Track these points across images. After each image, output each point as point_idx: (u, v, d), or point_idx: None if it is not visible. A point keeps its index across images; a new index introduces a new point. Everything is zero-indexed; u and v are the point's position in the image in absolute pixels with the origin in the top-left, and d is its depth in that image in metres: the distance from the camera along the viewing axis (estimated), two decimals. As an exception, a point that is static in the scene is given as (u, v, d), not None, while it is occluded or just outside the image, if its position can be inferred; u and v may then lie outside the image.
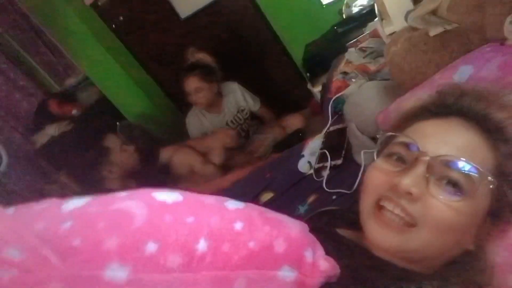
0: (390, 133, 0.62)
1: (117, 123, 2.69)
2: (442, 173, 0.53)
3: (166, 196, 0.50)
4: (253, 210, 0.53)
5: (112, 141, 2.12)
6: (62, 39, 2.95)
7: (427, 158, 0.53)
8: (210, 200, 0.53)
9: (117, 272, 0.41)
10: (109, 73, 2.95)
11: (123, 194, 0.49)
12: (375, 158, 0.61)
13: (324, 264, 0.53)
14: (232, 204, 0.53)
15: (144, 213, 0.45)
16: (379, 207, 0.56)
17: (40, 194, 2.70)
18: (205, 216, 0.48)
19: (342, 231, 0.71)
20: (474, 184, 0.52)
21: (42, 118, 2.88)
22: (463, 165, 0.52)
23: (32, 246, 0.40)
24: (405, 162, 0.57)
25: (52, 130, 2.84)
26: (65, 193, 2.53)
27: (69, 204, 0.46)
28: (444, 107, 0.61)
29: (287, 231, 0.52)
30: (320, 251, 0.54)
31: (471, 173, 0.52)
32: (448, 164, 0.53)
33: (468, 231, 0.55)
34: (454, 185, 0.53)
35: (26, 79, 3.02)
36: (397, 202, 0.54)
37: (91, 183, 2.19)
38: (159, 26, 2.82)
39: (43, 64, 3.16)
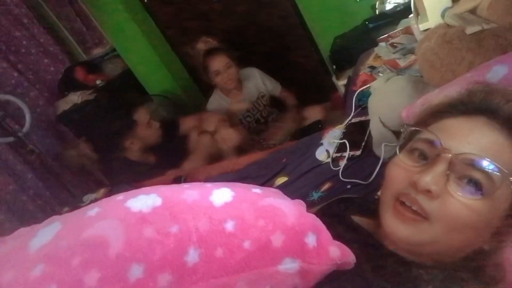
0: (414, 128, 0.61)
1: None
2: (463, 171, 0.53)
3: (142, 203, 0.45)
4: (244, 201, 0.50)
5: (141, 115, 2.15)
6: (94, 10, 2.99)
7: (449, 155, 0.53)
8: (193, 196, 0.48)
9: None
10: (136, 47, 2.98)
11: (93, 211, 0.45)
12: (398, 152, 0.60)
13: (334, 251, 0.52)
14: (219, 197, 0.49)
15: (120, 234, 0.41)
16: (399, 201, 0.56)
17: (57, 158, 2.77)
18: (191, 221, 0.44)
19: (357, 219, 0.71)
20: (495, 185, 0.52)
21: (67, 85, 2.93)
22: (486, 164, 0.52)
23: None
24: (427, 159, 0.56)
25: (75, 97, 2.89)
26: (82, 160, 2.59)
27: (37, 241, 0.42)
28: (471, 106, 0.60)
29: (282, 221, 0.49)
30: (326, 235, 0.54)
31: (493, 173, 0.52)
32: (470, 162, 0.52)
33: (484, 231, 0.54)
34: (474, 184, 0.52)
35: (55, 46, 3.07)
36: (414, 198, 0.54)
37: (110, 152, 2.24)
38: (191, 5, 2.82)
39: (73, 33, 3.22)
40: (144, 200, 0.46)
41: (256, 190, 0.55)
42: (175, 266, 0.41)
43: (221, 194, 0.49)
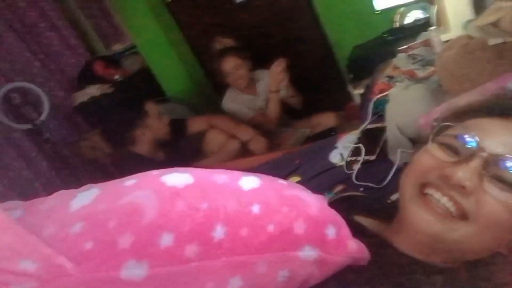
0: (447, 123, 0.60)
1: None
2: (496, 171, 0.52)
3: (176, 179, 0.48)
4: (270, 189, 0.52)
5: (151, 107, 2.20)
6: (117, 6, 3.05)
7: (485, 154, 0.52)
8: (223, 179, 0.51)
9: (134, 270, 0.40)
10: (156, 45, 3.02)
11: (130, 182, 0.48)
12: (429, 142, 0.59)
13: (352, 245, 0.53)
14: (247, 183, 0.51)
15: (155, 204, 0.44)
16: (422, 194, 0.55)
17: (71, 149, 2.81)
18: (220, 200, 0.47)
19: (360, 219, 0.71)
20: None
21: (86, 78, 3.00)
22: None
23: (46, 255, 0.39)
24: (458, 154, 0.55)
25: (93, 90, 2.94)
26: (95, 152, 2.63)
27: (77, 202, 0.45)
28: (504, 107, 0.59)
29: (306, 210, 0.51)
30: (345, 229, 0.54)
31: None
32: (505, 164, 0.52)
33: (510, 234, 0.54)
34: (507, 185, 0.51)
35: (77, 39, 3.15)
36: (446, 192, 0.53)
37: (123, 142, 2.27)
38: (212, 7, 2.88)
39: (95, 27, 3.30)
40: (178, 177, 0.48)
41: (282, 181, 0.57)
42: (202, 239, 0.43)
43: (249, 180, 0.52)
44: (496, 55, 1.04)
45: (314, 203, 0.53)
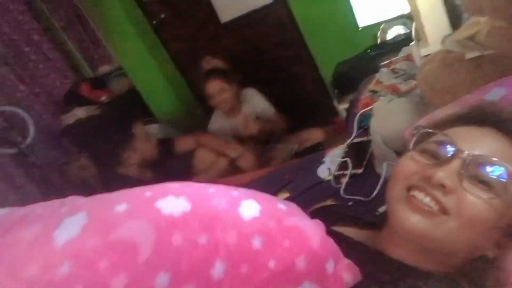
0: (427, 130, 0.63)
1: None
2: (476, 172, 0.55)
3: (172, 205, 0.44)
4: (270, 217, 0.50)
5: (138, 129, 2.19)
6: (103, 28, 3.06)
7: (463, 155, 0.55)
8: (222, 204, 0.47)
9: None
10: (143, 67, 3.04)
11: (122, 207, 0.43)
12: (410, 149, 0.62)
13: (347, 277, 0.53)
14: (248, 210, 0.48)
15: (150, 238, 0.40)
16: (408, 196, 0.57)
17: (59, 172, 2.78)
18: (220, 232, 0.44)
19: (338, 229, 0.72)
20: (506, 187, 0.54)
21: (73, 100, 2.98)
22: (497, 166, 0.54)
23: None
24: (438, 158, 0.58)
25: (80, 113, 2.93)
26: (83, 174, 2.60)
27: (63, 233, 0.39)
28: (481, 117, 0.63)
29: (308, 244, 0.50)
30: (342, 261, 0.55)
31: (503, 176, 0.54)
32: (483, 164, 0.55)
33: (492, 233, 0.56)
34: (486, 185, 0.54)
35: (63, 61, 3.15)
36: (428, 191, 0.55)
37: (110, 165, 2.26)
38: (198, 28, 2.92)
39: (81, 49, 3.30)
40: (174, 203, 0.44)
41: (281, 205, 0.54)
42: (201, 278, 0.41)
43: (249, 207, 0.49)
44: (474, 67, 1.07)
45: (315, 235, 0.52)
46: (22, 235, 0.39)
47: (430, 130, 0.63)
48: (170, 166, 2.29)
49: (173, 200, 0.45)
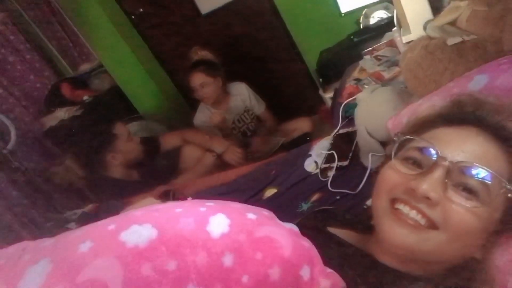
0: (408, 136, 0.61)
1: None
2: (459, 179, 0.53)
3: (137, 236, 0.43)
4: (240, 232, 0.48)
5: (120, 129, 2.14)
6: (80, 25, 2.99)
7: (446, 163, 0.54)
8: (190, 226, 0.46)
9: None
10: (124, 63, 2.97)
11: (86, 246, 0.42)
12: (392, 158, 0.60)
13: (324, 283, 0.52)
14: (216, 227, 0.47)
15: (118, 274, 0.39)
16: (393, 209, 0.56)
17: (43, 176, 2.73)
18: (189, 255, 0.43)
19: (333, 230, 0.71)
20: (490, 192, 0.53)
21: (54, 101, 2.92)
22: (481, 172, 0.53)
23: None
24: (421, 167, 0.57)
25: (62, 114, 2.86)
26: (69, 177, 2.55)
27: (28, 285, 0.39)
28: (461, 116, 0.61)
29: (280, 254, 0.48)
30: (319, 266, 0.53)
31: (487, 180, 0.53)
32: (466, 170, 0.53)
33: (480, 238, 0.55)
34: (470, 192, 0.53)
35: (41, 62, 3.07)
36: (414, 205, 0.54)
37: (95, 168, 2.21)
38: (178, 21, 2.86)
39: (59, 48, 3.21)
40: (138, 232, 0.43)
41: (251, 215, 0.53)
42: None
43: (217, 223, 0.48)
44: (456, 54, 1.05)
45: (288, 242, 0.50)
46: None
47: (409, 137, 0.61)
48: (156, 165, 2.25)
49: (138, 229, 0.44)
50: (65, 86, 2.94)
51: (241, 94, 2.48)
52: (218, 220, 0.48)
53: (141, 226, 0.44)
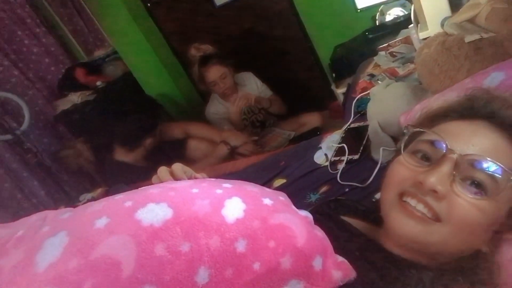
0: (417, 129, 0.62)
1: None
2: (467, 172, 0.54)
3: (153, 215, 0.43)
4: (255, 218, 0.48)
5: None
6: (96, 11, 3.01)
7: (454, 156, 0.54)
8: (205, 208, 0.47)
9: None
10: (138, 50, 2.99)
11: (102, 222, 0.42)
12: (402, 152, 0.61)
13: (336, 274, 0.52)
14: (231, 212, 0.47)
15: (132, 253, 0.40)
16: (401, 201, 0.57)
17: (54, 158, 2.77)
18: (203, 238, 0.43)
19: (347, 219, 0.73)
20: (499, 186, 0.53)
21: (67, 85, 2.95)
22: (489, 165, 0.53)
23: None
24: (430, 160, 0.57)
25: (75, 98, 2.90)
26: (79, 160, 2.58)
27: (44, 257, 0.39)
28: (472, 110, 0.61)
29: (293, 243, 0.48)
30: (332, 257, 0.54)
31: (496, 174, 0.53)
32: (475, 164, 0.53)
33: (487, 231, 0.56)
34: (478, 186, 0.53)
35: (57, 46, 3.09)
36: (421, 198, 0.54)
37: (106, 152, 2.24)
38: (193, 10, 2.86)
39: (75, 33, 3.24)
40: (154, 211, 0.44)
41: (267, 200, 0.53)
42: (185, 286, 0.41)
43: (233, 207, 0.48)
44: (473, 51, 1.04)
45: (301, 232, 0.50)
46: (4, 262, 0.40)
47: (419, 129, 0.61)
48: (164, 153, 2.27)
49: (154, 207, 0.44)
50: (79, 70, 2.96)
51: (249, 83, 2.48)
52: (234, 204, 0.49)
53: (158, 204, 0.45)
